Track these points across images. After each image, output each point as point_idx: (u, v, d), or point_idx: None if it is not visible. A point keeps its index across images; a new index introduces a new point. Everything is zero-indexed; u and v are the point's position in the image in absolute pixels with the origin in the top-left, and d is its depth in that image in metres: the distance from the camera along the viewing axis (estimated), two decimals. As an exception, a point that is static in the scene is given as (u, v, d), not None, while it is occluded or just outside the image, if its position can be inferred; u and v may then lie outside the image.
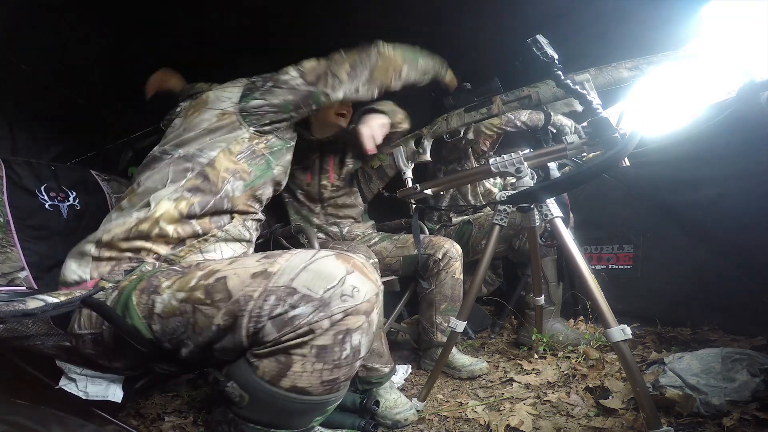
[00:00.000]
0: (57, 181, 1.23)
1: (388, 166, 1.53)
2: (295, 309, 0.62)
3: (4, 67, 1.22)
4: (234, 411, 0.68)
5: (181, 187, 0.90)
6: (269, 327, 0.62)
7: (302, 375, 0.63)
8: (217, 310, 0.65)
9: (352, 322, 0.63)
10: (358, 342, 0.65)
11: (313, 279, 0.64)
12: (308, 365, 0.62)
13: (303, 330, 0.62)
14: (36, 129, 1.36)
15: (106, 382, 0.84)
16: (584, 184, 1.61)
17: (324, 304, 0.62)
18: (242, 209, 0.99)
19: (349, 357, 0.65)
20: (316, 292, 0.62)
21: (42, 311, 0.64)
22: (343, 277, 0.64)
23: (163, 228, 0.86)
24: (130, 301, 0.72)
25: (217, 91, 1.03)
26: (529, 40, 0.92)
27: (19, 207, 1.09)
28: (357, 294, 0.64)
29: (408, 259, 1.59)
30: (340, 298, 0.63)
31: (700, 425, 0.95)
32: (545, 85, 1.14)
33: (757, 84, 1.26)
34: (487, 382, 1.41)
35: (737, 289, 1.41)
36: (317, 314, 0.62)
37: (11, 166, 1.12)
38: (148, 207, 0.88)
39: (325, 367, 0.63)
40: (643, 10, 1.44)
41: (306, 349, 0.62)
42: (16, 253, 1.05)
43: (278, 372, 0.63)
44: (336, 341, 0.63)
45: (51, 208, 1.17)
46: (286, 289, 0.63)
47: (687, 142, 1.48)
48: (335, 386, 0.66)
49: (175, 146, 0.95)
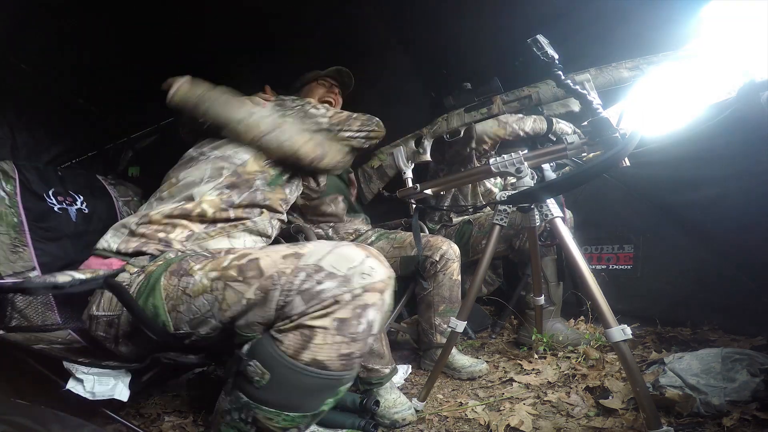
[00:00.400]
0: (64, 186, 1.25)
1: (388, 166, 1.53)
2: (321, 284, 0.68)
3: (4, 67, 1.22)
4: (250, 393, 0.70)
5: (220, 184, 1.02)
6: (297, 300, 0.68)
7: (323, 347, 0.67)
8: (249, 286, 0.72)
9: (369, 297, 0.70)
10: (372, 317, 0.70)
11: (337, 260, 0.71)
12: (329, 337, 0.67)
13: (328, 302, 0.68)
14: (36, 129, 1.35)
15: (113, 381, 0.85)
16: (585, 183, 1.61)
17: (347, 280, 0.69)
18: (273, 207, 1.11)
19: (365, 331, 0.70)
20: (340, 270, 0.70)
21: (70, 285, 0.67)
22: (363, 259, 0.72)
23: (205, 209, 0.98)
24: (159, 283, 0.78)
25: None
26: (529, 40, 0.92)
27: (31, 209, 1.13)
28: (374, 273, 0.71)
29: (406, 259, 1.59)
30: (360, 275, 0.70)
31: (700, 425, 0.95)
32: (545, 85, 1.14)
33: (757, 84, 1.26)
34: (487, 382, 1.41)
35: (737, 289, 1.41)
36: (341, 288, 0.68)
37: (21, 170, 1.16)
38: (191, 199, 0.99)
39: (343, 339, 0.68)
40: (643, 10, 1.44)
41: (328, 321, 0.67)
42: (28, 253, 1.07)
43: (301, 345, 0.67)
44: (354, 315, 0.68)
45: (60, 211, 1.20)
46: (314, 266, 0.70)
47: (687, 142, 1.48)
48: (350, 361, 0.70)
49: (212, 148, 1.10)
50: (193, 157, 1.10)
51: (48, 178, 1.22)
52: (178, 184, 1.03)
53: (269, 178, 1.10)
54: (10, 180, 1.12)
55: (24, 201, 1.12)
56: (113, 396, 0.85)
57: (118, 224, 0.98)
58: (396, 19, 1.52)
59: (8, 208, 1.08)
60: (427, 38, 1.64)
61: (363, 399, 1.16)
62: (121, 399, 0.86)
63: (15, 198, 1.10)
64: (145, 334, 0.76)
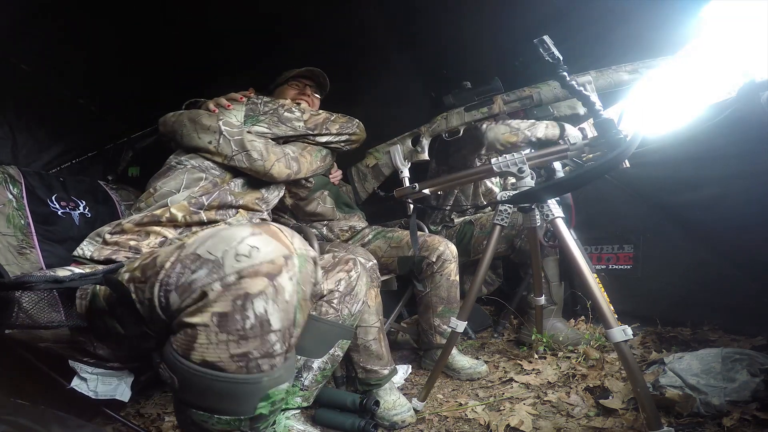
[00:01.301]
0: (66, 191, 1.26)
1: (384, 165, 1.52)
2: (194, 273, 0.60)
3: (4, 67, 1.22)
4: (176, 396, 0.65)
5: (195, 192, 1.03)
6: (174, 296, 0.61)
7: (208, 347, 0.59)
8: (146, 285, 0.65)
9: (249, 285, 0.58)
10: (263, 310, 0.59)
11: (216, 243, 0.61)
12: (212, 336, 0.59)
13: (197, 294, 0.59)
14: (36, 129, 1.35)
15: (116, 382, 0.86)
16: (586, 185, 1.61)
17: (218, 266, 0.59)
18: (250, 207, 1.10)
19: (255, 328, 0.59)
20: (214, 255, 0.60)
21: (70, 279, 0.65)
22: (243, 238, 0.61)
23: (174, 213, 0.97)
24: (97, 289, 0.76)
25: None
26: (535, 41, 0.92)
27: (37, 212, 1.14)
28: (255, 254, 0.59)
29: (403, 259, 1.59)
30: (234, 258, 0.59)
31: (700, 425, 0.95)
32: (546, 85, 1.14)
33: (757, 84, 1.26)
34: (487, 382, 1.41)
35: (737, 289, 1.41)
36: (210, 276, 0.59)
37: (25, 176, 1.17)
38: (166, 206, 0.99)
39: (230, 338, 0.58)
40: (643, 11, 1.44)
41: (206, 317, 0.58)
42: (35, 255, 1.08)
43: (187, 345, 0.60)
44: (235, 308, 0.58)
45: (63, 215, 1.21)
46: (192, 256, 0.61)
47: (687, 142, 1.48)
48: (251, 362, 0.60)
49: (189, 158, 1.09)
50: (171, 166, 1.09)
51: (50, 183, 1.23)
52: (155, 194, 1.03)
53: (244, 181, 1.10)
54: (17, 184, 1.13)
55: (30, 204, 1.13)
56: (115, 396, 0.85)
57: (93, 233, 0.97)
58: (396, 19, 1.52)
59: (15, 210, 1.09)
60: (427, 38, 1.64)
61: (363, 399, 1.17)
62: (123, 399, 0.86)
63: (22, 201, 1.12)
64: (121, 336, 0.74)
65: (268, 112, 1.15)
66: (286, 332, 0.63)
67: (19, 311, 0.69)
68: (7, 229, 1.06)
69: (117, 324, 0.76)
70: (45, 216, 1.16)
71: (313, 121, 1.19)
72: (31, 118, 1.34)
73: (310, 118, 1.18)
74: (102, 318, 0.76)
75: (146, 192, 1.05)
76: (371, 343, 1.25)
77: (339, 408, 1.19)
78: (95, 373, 0.84)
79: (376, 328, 1.27)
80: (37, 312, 0.71)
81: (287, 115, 1.17)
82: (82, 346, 0.80)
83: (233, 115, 1.12)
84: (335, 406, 1.20)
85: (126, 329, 0.75)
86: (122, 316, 0.75)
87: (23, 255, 1.06)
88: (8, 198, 1.09)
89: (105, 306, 0.75)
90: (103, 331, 0.77)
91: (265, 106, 1.16)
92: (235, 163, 1.06)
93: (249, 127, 1.12)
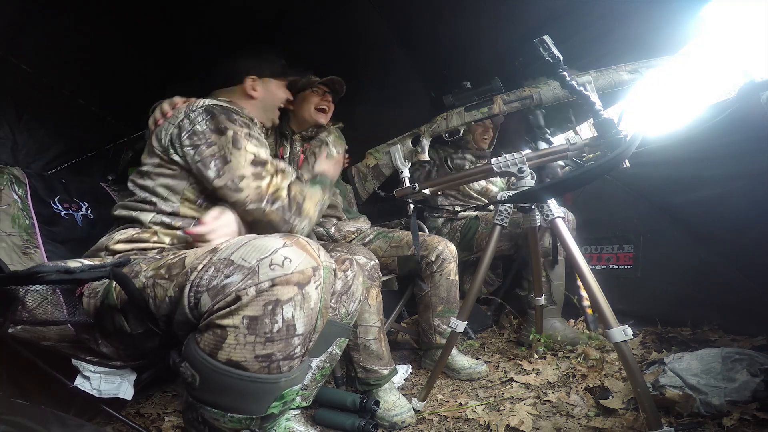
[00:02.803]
0: (68, 193, 1.27)
1: (384, 165, 1.52)
2: (228, 278, 0.64)
3: (4, 67, 1.22)
4: (191, 394, 0.68)
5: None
6: (205, 297, 0.64)
7: (236, 347, 0.63)
8: (170, 282, 0.69)
9: (281, 292, 0.63)
10: (290, 315, 0.64)
11: (249, 251, 0.66)
12: (240, 337, 0.63)
13: (231, 297, 0.63)
14: (36, 129, 1.36)
15: (119, 380, 0.86)
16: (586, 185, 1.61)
17: (252, 272, 0.63)
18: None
19: (282, 331, 0.64)
20: (249, 262, 0.64)
21: (80, 270, 0.66)
22: (277, 249, 0.66)
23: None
24: (111, 286, 0.77)
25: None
26: (535, 41, 0.92)
27: (41, 213, 1.15)
28: (288, 264, 0.65)
29: (402, 259, 1.59)
30: (269, 267, 0.63)
31: (700, 425, 0.95)
32: (546, 85, 1.14)
33: (757, 84, 1.26)
34: (487, 382, 1.41)
35: (737, 289, 1.41)
36: (245, 282, 0.63)
37: (29, 178, 1.18)
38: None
39: (257, 340, 0.63)
40: (643, 11, 1.44)
41: (237, 320, 0.62)
42: (39, 255, 1.08)
43: (215, 344, 0.64)
44: (266, 312, 0.63)
45: (66, 216, 1.22)
46: (225, 261, 0.66)
47: (687, 142, 1.48)
48: (273, 363, 0.65)
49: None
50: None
51: (53, 186, 1.24)
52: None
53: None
54: (22, 185, 1.14)
55: (34, 205, 1.14)
56: (118, 394, 0.85)
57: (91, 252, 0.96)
58: (396, 19, 1.52)
59: (21, 210, 1.09)
60: (427, 38, 1.64)
61: (363, 399, 1.17)
62: (126, 398, 0.87)
63: (27, 201, 1.12)
64: (126, 334, 0.76)
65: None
66: (308, 337, 0.69)
67: (23, 309, 0.70)
68: (12, 229, 1.06)
69: (124, 320, 0.77)
70: (49, 217, 1.16)
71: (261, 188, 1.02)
72: (31, 118, 1.34)
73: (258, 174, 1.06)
74: (111, 315, 0.78)
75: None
76: (371, 343, 1.25)
77: (339, 408, 1.19)
78: (98, 372, 0.84)
79: (377, 328, 1.27)
80: (42, 310, 0.71)
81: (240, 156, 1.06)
82: (87, 344, 0.81)
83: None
84: (335, 406, 1.20)
85: (131, 326, 0.77)
86: (128, 311, 0.76)
87: (27, 255, 1.06)
88: (13, 198, 1.09)
89: (117, 303, 0.76)
90: (110, 329, 0.78)
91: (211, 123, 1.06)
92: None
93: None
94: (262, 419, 0.70)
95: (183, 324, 0.70)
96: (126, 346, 0.82)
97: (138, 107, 1.57)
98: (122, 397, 0.86)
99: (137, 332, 0.77)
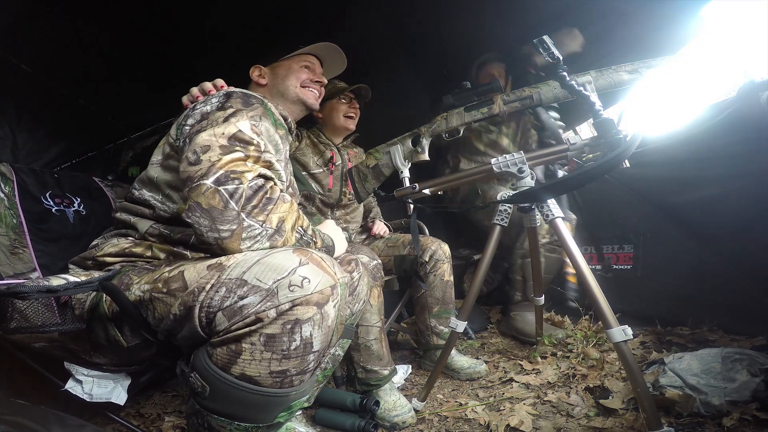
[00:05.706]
0: (60, 188, 1.24)
1: (384, 165, 1.53)
2: (244, 299, 0.63)
3: (4, 67, 1.22)
4: (199, 402, 0.68)
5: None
6: (220, 317, 0.64)
7: (251, 363, 0.63)
8: (174, 299, 0.68)
9: (301, 312, 0.63)
10: (309, 334, 0.64)
11: (264, 271, 0.64)
12: (257, 354, 0.63)
13: (250, 319, 0.62)
14: (36, 129, 1.35)
15: (112, 384, 0.85)
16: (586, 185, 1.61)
17: (271, 294, 0.63)
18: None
19: (299, 349, 0.64)
20: (265, 283, 0.63)
21: (64, 288, 0.65)
22: (294, 269, 0.65)
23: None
24: (102, 299, 0.76)
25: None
26: (535, 41, 0.92)
27: (30, 211, 1.12)
28: (307, 285, 0.64)
29: (398, 259, 1.59)
30: (288, 288, 0.63)
31: (700, 425, 0.95)
32: (546, 85, 1.14)
33: (757, 84, 1.26)
34: (487, 382, 1.41)
35: (737, 289, 1.41)
36: (264, 304, 0.62)
37: (18, 172, 1.15)
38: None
39: (273, 356, 0.63)
40: (644, 11, 1.44)
41: (255, 338, 0.63)
42: (28, 254, 1.06)
43: (229, 359, 0.64)
44: (284, 331, 0.63)
45: (58, 213, 1.19)
46: (237, 281, 0.64)
47: (687, 142, 1.48)
48: (286, 378, 0.65)
49: None
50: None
51: (44, 180, 1.21)
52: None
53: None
54: (8, 182, 1.11)
55: (22, 203, 1.11)
56: (111, 399, 0.84)
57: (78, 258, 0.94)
58: (396, 19, 1.53)
59: (7, 209, 1.06)
60: (427, 38, 1.64)
61: (363, 399, 1.17)
62: (118, 403, 0.86)
63: (14, 199, 1.09)
64: (120, 344, 0.75)
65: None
66: (323, 352, 0.69)
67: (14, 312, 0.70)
68: None
69: (117, 332, 0.76)
70: (38, 214, 1.13)
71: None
72: (31, 118, 1.33)
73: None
74: (104, 326, 0.77)
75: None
76: (372, 343, 1.25)
77: (339, 408, 1.19)
78: (91, 375, 0.83)
79: (378, 328, 1.27)
80: (33, 315, 0.71)
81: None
82: (78, 354, 0.80)
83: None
84: (335, 406, 1.20)
85: (126, 338, 0.76)
86: (122, 322, 0.76)
87: (16, 255, 1.04)
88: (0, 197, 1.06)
89: (108, 315, 0.76)
90: (103, 341, 0.78)
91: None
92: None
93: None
94: (267, 427, 0.70)
95: (188, 338, 0.69)
96: (120, 357, 0.82)
97: (138, 107, 1.58)
98: (115, 401, 0.85)
99: (133, 344, 0.77)
